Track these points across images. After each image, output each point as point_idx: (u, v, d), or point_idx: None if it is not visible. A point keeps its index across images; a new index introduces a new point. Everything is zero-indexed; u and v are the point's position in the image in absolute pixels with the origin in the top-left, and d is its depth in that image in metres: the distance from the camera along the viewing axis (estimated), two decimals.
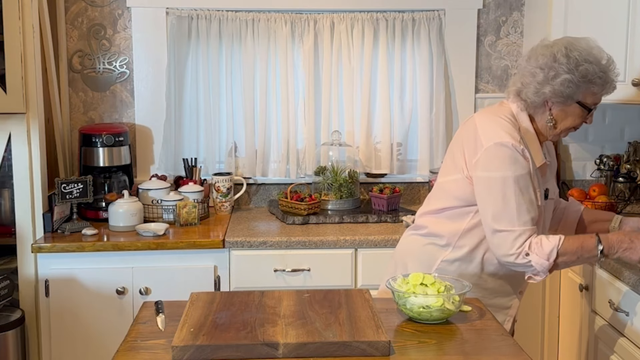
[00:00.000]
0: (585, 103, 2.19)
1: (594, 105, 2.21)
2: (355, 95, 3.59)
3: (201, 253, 3.04)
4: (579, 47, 2.18)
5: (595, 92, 2.19)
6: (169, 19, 3.52)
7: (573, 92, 2.17)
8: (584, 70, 2.14)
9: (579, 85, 2.16)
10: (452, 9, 3.59)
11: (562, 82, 2.15)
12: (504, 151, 2.12)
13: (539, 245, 2.12)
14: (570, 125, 2.23)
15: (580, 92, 2.17)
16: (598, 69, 2.15)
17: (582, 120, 2.23)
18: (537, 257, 2.11)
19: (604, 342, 2.66)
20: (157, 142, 3.59)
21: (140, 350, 1.80)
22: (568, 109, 2.20)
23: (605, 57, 2.18)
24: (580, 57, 2.15)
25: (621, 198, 3.43)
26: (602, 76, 2.16)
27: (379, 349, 1.76)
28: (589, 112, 2.21)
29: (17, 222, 3.06)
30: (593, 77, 2.15)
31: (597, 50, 2.18)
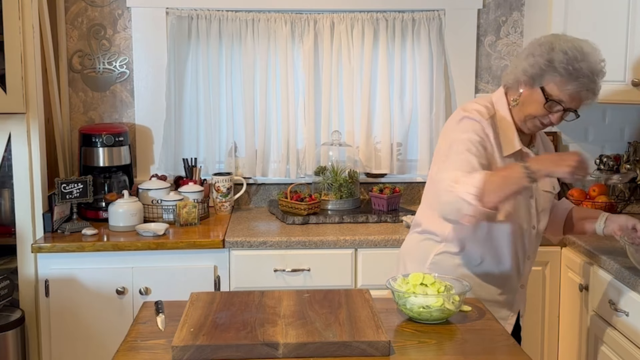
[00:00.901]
0: (549, 93, 2.16)
1: (559, 100, 2.15)
2: (355, 95, 3.59)
3: (201, 253, 3.04)
4: (567, 39, 2.18)
5: (558, 83, 2.14)
6: (169, 19, 3.52)
7: (537, 74, 2.16)
8: (552, 56, 2.14)
9: (544, 69, 2.14)
10: (452, 9, 3.59)
11: (531, 61, 2.17)
12: (468, 122, 2.20)
13: (463, 179, 2.06)
14: (532, 112, 2.20)
15: (545, 78, 2.15)
16: (566, 60, 2.12)
17: (544, 113, 2.18)
18: (462, 188, 2.03)
19: (604, 342, 2.66)
20: (157, 142, 3.59)
21: (140, 350, 1.81)
22: (533, 94, 2.19)
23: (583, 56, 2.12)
24: (557, 44, 2.15)
25: (621, 198, 3.43)
26: (568, 68, 2.11)
27: (379, 349, 1.76)
28: (546, 102, 2.16)
29: (17, 222, 3.06)
30: (558, 65, 2.12)
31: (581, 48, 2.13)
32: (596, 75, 2.14)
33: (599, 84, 2.18)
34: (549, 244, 3.09)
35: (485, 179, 2.03)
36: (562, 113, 2.18)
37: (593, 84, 2.15)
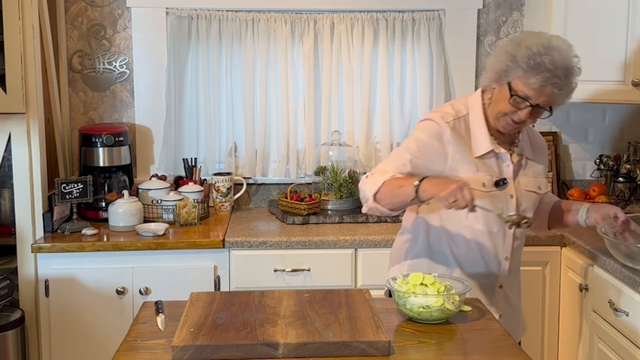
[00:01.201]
0: (515, 88, 2.14)
1: (525, 96, 2.13)
2: (355, 95, 3.59)
3: (201, 253, 3.04)
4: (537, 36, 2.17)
5: (522, 78, 2.12)
6: (169, 19, 3.52)
7: (503, 70, 2.16)
8: (516, 51, 2.13)
9: (509, 64, 2.14)
10: (452, 9, 3.59)
11: (498, 58, 2.18)
12: (427, 123, 2.25)
13: (379, 173, 2.16)
14: (502, 109, 2.19)
15: (510, 74, 2.15)
16: (528, 54, 2.11)
17: (512, 108, 2.16)
18: (370, 181, 2.16)
19: (604, 342, 2.66)
20: (157, 142, 3.59)
21: (140, 350, 1.81)
22: (502, 90, 2.18)
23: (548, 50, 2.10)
24: (524, 41, 2.15)
25: (621, 198, 3.43)
26: (530, 63, 2.10)
27: (379, 349, 1.76)
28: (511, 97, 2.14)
29: (17, 222, 3.06)
30: (521, 60, 2.11)
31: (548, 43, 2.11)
32: (561, 69, 2.10)
33: (570, 79, 2.15)
34: (549, 244, 3.10)
35: (387, 182, 2.12)
36: (531, 109, 2.16)
37: (558, 79, 2.11)
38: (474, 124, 2.25)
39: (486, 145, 2.23)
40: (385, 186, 2.12)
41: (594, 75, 3.19)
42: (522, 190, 2.30)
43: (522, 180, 2.30)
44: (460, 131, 2.23)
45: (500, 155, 2.25)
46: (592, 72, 3.18)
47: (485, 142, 2.23)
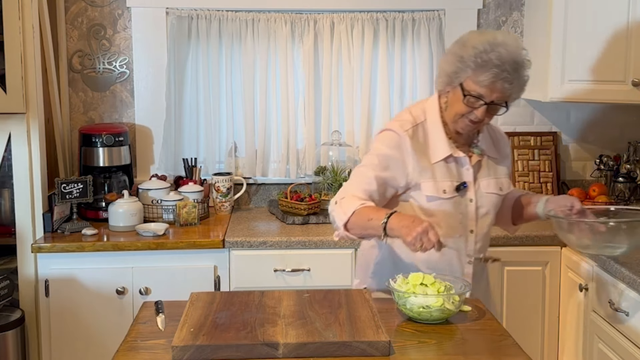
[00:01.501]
0: (467, 88, 2.14)
1: (478, 94, 2.13)
2: (355, 95, 3.59)
3: (201, 253, 3.04)
4: (482, 33, 2.18)
5: (472, 77, 2.12)
6: (169, 19, 3.52)
7: (453, 72, 2.16)
8: (462, 52, 2.13)
9: (458, 65, 2.14)
10: (452, 9, 3.59)
11: (448, 60, 2.19)
12: (386, 134, 2.25)
13: (349, 200, 2.15)
14: (458, 111, 2.18)
15: (461, 75, 2.15)
16: (475, 53, 2.11)
17: (467, 109, 2.16)
18: (340, 209, 2.15)
19: (604, 342, 2.66)
20: (157, 142, 3.59)
21: (140, 350, 1.81)
22: (456, 92, 2.18)
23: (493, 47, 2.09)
24: (469, 40, 2.15)
25: (621, 198, 3.43)
26: (477, 61, 2.10)
27: (379, 349, 1.76)
28: (464, 97, 2.14)
29: (17, 222, 3.06)
30: (468, 60, 2.12)
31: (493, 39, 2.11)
32: (509, 64, 2.10)
33: (520, 72, 2.14)
34: (549, 244, 3.10)
35: (357, 212, 2.11)
36: (486, 107, 2.15)
37: (507, 74, 2.10)
38: (432, 129, 2.25)
39: (444, 150, 2.23)
40: (355, 216, 2.11)
41: (594, 75, 3.19)
42: (483, 193, 2.28)
43: (483, 182, 2.29)
44: (419, 138, 2.23)
45: (459, 159, 2.25)
46: (592, 72, 3.19)
47: (443, 147, 2.23)
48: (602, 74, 3.17)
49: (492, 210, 2.32)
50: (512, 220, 2.47)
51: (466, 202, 2.25)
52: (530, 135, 3.69)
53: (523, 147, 3.68)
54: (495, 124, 3.66)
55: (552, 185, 3.64)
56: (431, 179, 2.21)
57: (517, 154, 3.67)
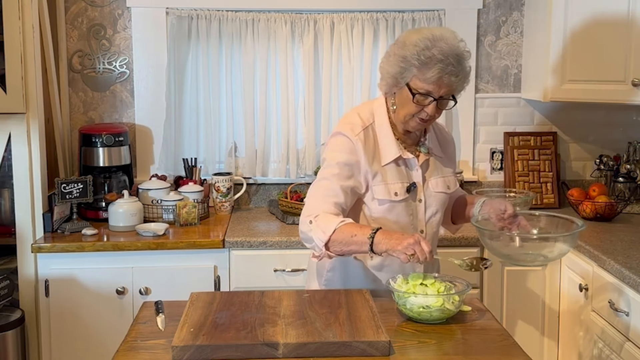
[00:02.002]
0: (414, 87, 2.13)
1: (427, 91, 2.12)
2: (355, 95, 3.59)
3: (201, 253, 3.04)
4: (419, 31, 2.16)
5: (418, 76, 2.11)
6: (169, 19, 3.52)
7: (398, 73, 2.15)
8: (405, 52, 2.13)
9: (402, 66, 2.13)
10: (452, 9, 3.59)
11: (391, 62, 2.17)
12: (339, 139, 2.22)
13: (324, 218, 2.11)
14: (408, 111, 2.17)
15: (406, 75, 2.13)
16: (417, 51, 2.09)
17: (417, 107, 2.15)
18: (317, 228, 2.10)
19: (604, 342, 2.66)
20: (157, 142, 3.59)
21: (140, 350, 1.81)
22: (403, 94, 2.17)
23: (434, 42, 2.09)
24: (408, 39, 2.14)
25: (621, 198, 3.43)
26: (421, 59, 2.09)
27: (379, 349, 1.76)
28: (414, 96, 2.13)
29: (17, 222, 3.06)
30: (412, 59, 2.11)
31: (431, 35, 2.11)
32: (452, 57, 2.10)
33: (463, 64, 2.14)
34: None
35: (337, 230, 2.06)
36: (435, 103, 2.15)
37: (452, 67, 2.09)
38: (381, 131, 2.24)
39: (394, 152, 2.22)
40: (336, 234, 2.07)
41: (594, 75, 3.20)
42: (432, 192, 2.29)
43: (432, 182, 2.29)
44: (369, 141, 2.22)
45: (408, 161, 2.25)
46: (592, 72, 3.20)
47: (392, 149, 2.23)
48: (602, 74, 3.17)
49: (441, 209, 2.33)
50: (452, 219, 2.48)
51: (415, 203, 2.26)
52: (530, 135, 3.69)
53: (523, 147, 3.68)
54: (496, 122, 3.70)
55: (552, 185, 3.64)
56: (382, 182, 2.20)
57: (517, 154, 3.67)
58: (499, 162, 3.74)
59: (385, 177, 2.21)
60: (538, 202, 3.59)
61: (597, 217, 3.28)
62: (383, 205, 2.20)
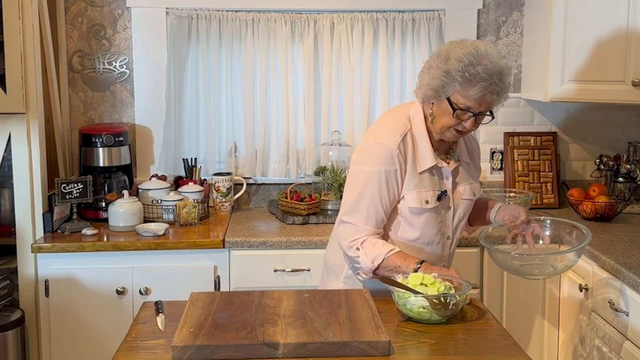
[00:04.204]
0: (455, 102, 2.13)
1: (467, 107, 2.12)
2: (355, 95, 3.59)
3: (201, 253, 3.04)
4: (463, 45, 2.15)
5: (460, 92, 2.11)
6: (169, 19, 3.52)
7: (440, 86, 2.14)
8: (448, 66, 2.12)
9: (444, 80, 2.13)
10: (452, 9, 3.59)
11: (432, 75, 2.16)
12: (377, 147, 2.21)
13: (371, 245, 2.19)
14: (446, 123, 2.17)
15: (448, 89, 2.13)
16: (462, 67, 2.09)
17: (456, 121, 2.16)
18: (365, 256, 2.19)
19: (604, 342, 2.66)
20: (157, 142, 3.59)
21: (140, 350, 1.81)
22: (442, 106, 2.17)
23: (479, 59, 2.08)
24: (452, 53, 2.13)
25: (621, 198, 3.43)
26: (465, 76, 2.09)
27: (379, 349, 1.76)
28: (454, 111, 2.14)
29: (17, 222, 3.06)
30: (455, 74, 2.10)
31: (476, 51, 2.10)
32: (496, 75, 2.10)
33: (505, 81, 2.14)
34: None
35: (385, 259, 2.16)
36: (475, 118, 2.15)
37: (494, 85, 2.10)
38: (419, 138, 2.24)
39: (430, 160, 2.23)
40: (383, 267, 2.17)
41: (594, 75, 3.20)
42: (460, 200, 2.31)
43: (460, 189, 2.32)
44: (408, 148, 2.22)
45: (442, 169, 2.27)
46: (592, 72, 3.20)
47: (429, 157, 2.23)
48: (602, 74, 3.17)
49: (467, 215, 2.37)
50: (470, 221, 2.50)
51: (445, 210, 2.28)
52: (530, 135, 3.69)
53: (523, 147, 3.68)
54: (496, 123, 3.70)
55: (552, 185, 3.64)
56: (414, 190, 2.22)
57: (517, 154, 3.67)
58: (499, 162, 3.74)
59: (419, 184, 2.23)
60: (538, 202, 3.59)
61: (597, 217, 3.28)
62: (414, 213, 2.22)
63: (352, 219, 2.22)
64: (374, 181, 2.20)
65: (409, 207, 2.22)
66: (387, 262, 2.16)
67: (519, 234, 2.29)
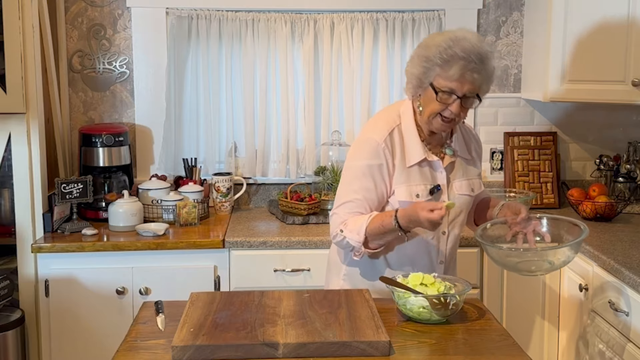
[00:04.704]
0: (438, 86, 2.16)
1: (450, 89, 2.15)
2: (355, 95, 3.59)
3: (201, 253, 3.04)
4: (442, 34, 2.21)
5: (441, 74, 2.15)
6: (169, 19, 3.52)
7: (422, 73, 2.19)
8: (428, 53, 2.17)
9: (426, 66, 2.17)
10: (452, 9, 3.59)
11: (414, 64, 2.21)
12: (364, 143, 2.26)
13: (352, 222, 2.21)
14: (432, 110, 2.20)
15: (430, 74, 2.17)
16: (439, 51, 2.13)
17: (441, 106, 2.18)
18: (350, 233, 2.20)
19: (604, 342, 2.66)
20: (157, 142, 3.59)
21: (140, 350, 1.81)
22: (427, 94, 2.20)
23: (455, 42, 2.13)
24: (431, 41, 2.19)
25: (621, 198, 3.43)
26: (443, 57, 2.13)
27: (379, 349, 1.76)
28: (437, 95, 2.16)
29: (17, 222, 3.06)
30: (434, 58, 2.14)
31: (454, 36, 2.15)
32: (474, 55, 2.13)
33: (486, 63, 2.17)
34: None
35: (368, 227, 2.17)
36: (459, 101, 2.17)
37: (473, 64, 2.13)
38: (407, 133, 2.27)
39: (419, 154, 2.24)
40: (370, 230, 2.17)
41: (594, 75, 3.20)
42: (456, 195, 2.31)
43: (456, 184, 2.32)
44: (395, 143, 2.25)
45: (433, 163, 2.27)
46: (592, 72, 3.20)
47: (418, 150, 2.25)
48: (602, 74, 3.17)
49: (465, 211, 2.36)
50: (475, 220, 2.50)
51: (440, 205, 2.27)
52: (530, 135, 3.69)
53: (523, 147, 3.68)
54: (496, 123, 3.70)
55: (552, 185, 3.64)
56: (404, 184, 2.23)
57: (517, 154, 3.67)
58: (499, 162, 3.74)
59: (409, 178, 2.24)
60: (538, 202, 3.59)
61: (597, 217, 3.28)
62: (405, 206, 2.21)
63: (338, 210, 2.27)
64: (360, 174, 2.24)
65: (399, 201, 2.23)
66: (371, 228, 2.16)
67: (519, 231, 2.28)
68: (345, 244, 2.24)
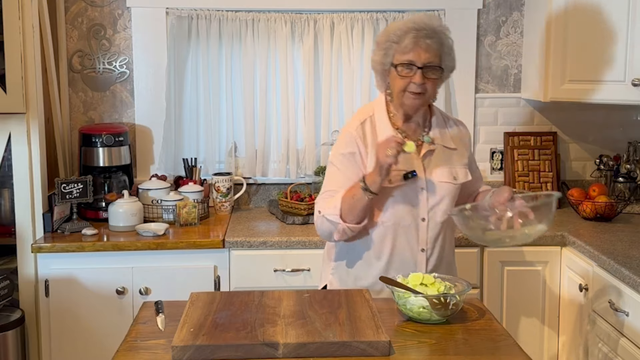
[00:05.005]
0: (397, 62, 2.25)
1: (409, 61, 2.23)
2: (355, 95, 3.59)
3: (201, 253, 3.04)
4: (397, 22, 2.34)
5: (397, 49, 2.25)
6: (169, 19, 3.52)
7: (383, 55, 2.30)
8: (380, 37, 2.31)
9: (384, 49, 2.28)
10: (452, 9, 3.59)
11: (375, 52, 2.34)
12: (341, 136, 2.40)
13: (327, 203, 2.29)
14: (399, 88, 2.27)
15: (389, 54, 2.27)
16: (392, 31, 2.26)
17: (406, 81, 2.25)
18: (327, 209, 2.27)
19: (604, 342, 2.67)
20: (157, 142, 3.59)
21: (140, 350, 1.81)
22: (392, 76, 2.29)
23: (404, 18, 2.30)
24: (386, 28, 2.34)
25: (621, 198, 3.43)
26: (397, 33, 2.24)
27: (379, 349, 1.76)
28: (396, 68, 2.24)
29: (17, 222, 3.06)
30: (388, 38, 2.26)
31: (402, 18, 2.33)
32: (426, 24, 2.23)
33: (440, 33, 2.25)
34: (549, 244, 3.10)
35: (342, 200, 2.24)
36: (421, 71, 2.23)
37: (424, 31, 2.22)
38: (379, 122, 2.35)
39: None
40: (343, 204, 2.23)
41: (594, 75, 3.19)
42: (435, 182, 2.32)
43: (436, 171, 2.33)
44: (367, 131, 2.34)
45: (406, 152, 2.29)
46: (592, 72, 3.19)
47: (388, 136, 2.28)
48: (602, 74, 3.17)
49: (447, 199, 2.35)
50: None
51: (417, 191, 2.31)
52: (530, 135, 3.69)
53: (523, 147, 3.68)
54: (496, 122, 3.70)
55: (552, 185, 3.63)
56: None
57: (517, 154, 3.67)
58: (499, 162, 3.74)
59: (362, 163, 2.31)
60: None
61: (597, 217, 3.28)
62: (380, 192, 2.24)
63: (318, 199, 2.35)
64: (337, 164, 2.34)
65: None
66: (344, 201, 2.23)
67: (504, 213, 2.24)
68: (326, 227, 2.29)
